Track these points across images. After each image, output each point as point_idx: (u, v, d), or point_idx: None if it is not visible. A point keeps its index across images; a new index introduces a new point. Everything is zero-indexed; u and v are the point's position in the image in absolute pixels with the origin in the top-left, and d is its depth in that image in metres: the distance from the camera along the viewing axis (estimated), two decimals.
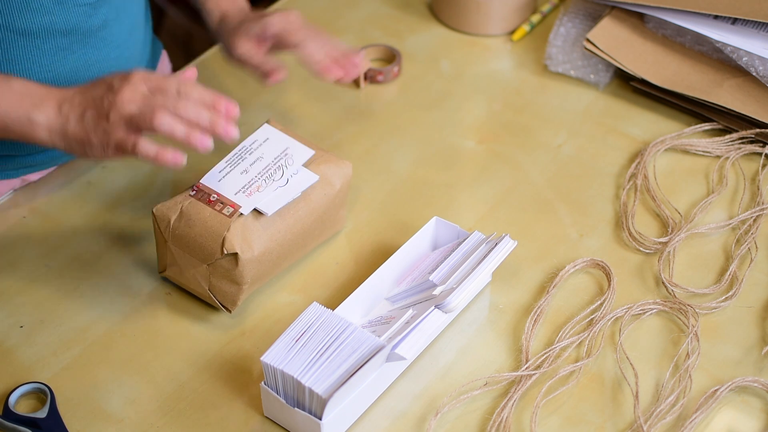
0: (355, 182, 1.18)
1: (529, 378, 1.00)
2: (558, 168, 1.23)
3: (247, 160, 1.06)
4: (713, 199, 1.18)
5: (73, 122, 0.99)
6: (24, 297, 1.08)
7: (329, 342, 0.93)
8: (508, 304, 1.08)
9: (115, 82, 0.99)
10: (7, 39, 1.07)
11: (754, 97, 1.25)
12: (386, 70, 1.33)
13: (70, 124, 0.99)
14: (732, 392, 1.00)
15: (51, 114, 0.99)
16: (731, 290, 1.08)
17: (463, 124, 1.30)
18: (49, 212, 1.16)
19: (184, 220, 1.02)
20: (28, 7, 1.06)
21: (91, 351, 1.03)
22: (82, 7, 1.10)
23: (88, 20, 1.11)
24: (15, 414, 0.96)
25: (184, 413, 0.98)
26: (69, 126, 0.99)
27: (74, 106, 0.99)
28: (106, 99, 0.98)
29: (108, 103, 0.98)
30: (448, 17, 1.42)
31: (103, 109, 0.98)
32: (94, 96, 0.99)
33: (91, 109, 0.98)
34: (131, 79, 0.98)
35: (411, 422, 0.98)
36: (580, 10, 1.39)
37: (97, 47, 1.14)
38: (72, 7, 1.09)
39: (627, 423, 0.98)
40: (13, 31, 1.07)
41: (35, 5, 1.06)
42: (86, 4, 1.10)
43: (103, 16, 1.13)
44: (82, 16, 1.10)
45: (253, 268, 1.02)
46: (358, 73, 1.15)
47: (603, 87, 1.33)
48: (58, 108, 0.99)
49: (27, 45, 1.08)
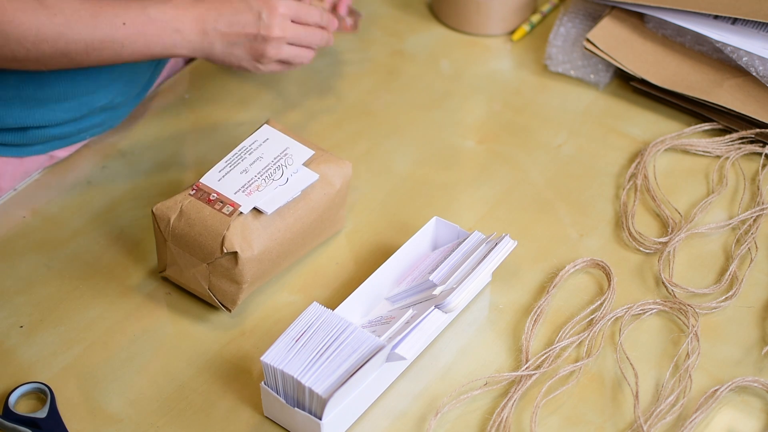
0: (355, 182, 1.18)
1: (529, 378, 1.00)
2: (558, 168, 1.23)
3: (246, 160, 1.05)
4: (713, 199, 1.18)
5: (220, 49, 1.09)
6: (24, 297, 1.08)
7: (329, 342, 0.93)
8: (508, 304, 1.08)
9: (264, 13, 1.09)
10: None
11: (754, 97, 1.25)
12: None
13: (215, 50, 1.09)
14: (732, 392, 1.00)
15: (194, 38, 1.08)
16: (731, 290, 1.08)
17: (463, 124, 1.29)
18: (49, 212, 1.16)
19: (184, 219, 1.02)
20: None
21: (91, 351, 1.03)
22: None
23: None
24: (15, 414, 0.96)
25: (184, 413, 0.98)
26: (215, 52, 1.10)
27: (220, 33, 1.09)
28: (258, 36, 1.10)
29: (261, 40, 1.10)
30: (448, 17, 1.42)
31: (256, 47, 1.10)
32: (243, 25, 1.09)
33: (241, 42, 1.10)
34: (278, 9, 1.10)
35: (411, 422, 0.98)
36: (580, 10, 1.39)
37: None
38: None
39: (627, 423, 0.98)
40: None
41: None
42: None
43: None
44: None
45: (253, 267, 1.02)
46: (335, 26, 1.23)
47: (603, 87, 1.33)
48: (202, 33, 1.08)
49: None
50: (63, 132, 1.17)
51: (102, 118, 1.19)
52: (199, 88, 1.32)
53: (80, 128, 1.18)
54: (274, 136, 1.08)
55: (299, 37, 1.14)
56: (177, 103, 1.30)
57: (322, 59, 1.36)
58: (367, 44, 1.40)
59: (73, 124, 1.17)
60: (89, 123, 1.18)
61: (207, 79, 1.34)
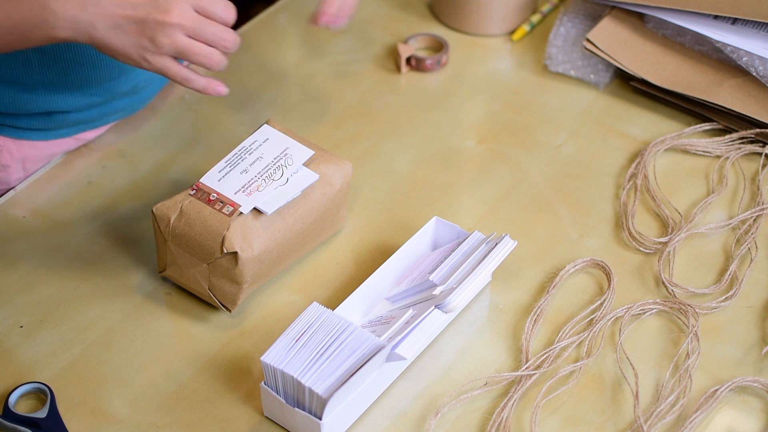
0: (355, 182, 1.18)
1: (529, 378, 1.00)
2: (558, 168, 1.23)
3: (246, 160, 1.06)
4: (713, 199, 1.18)
5: (102, 28, 0.95)
6: (24, 297, 1.08)
7: (329, 342, 0.93)
8: (508, 304, 1.08)
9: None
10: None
11: (754, 97, 1.25)
12: (434, 58, 1.34)
13: (97, 30, 0.95)
14: (732, 392, 1.00)
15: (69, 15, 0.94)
16: (731, 290, 1.08)
17: (463, 124, 1.30)
18: (49, 212, 1.16)
19: (184, 219, 1.02)
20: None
21: (91, 351, 1.03)
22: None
23: None
24: (15, 414, 0.96)
25: (184, 413, 0.98)
26: (96, 33, 0.95)
27: (102, 11, 0.94)
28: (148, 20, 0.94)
29: (153, 24, 0.95)
30: (448, 17, 1.42)
31: (146, 31, 0.95)
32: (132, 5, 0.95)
33: (126, 24, 0.95)
34: None
35: (411, 422, 0.98)
36: (580, 10, 1.39)
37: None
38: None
39: (627, 423, 0.98)
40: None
41: None
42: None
43: None
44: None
45: (253, 267, 1.02)
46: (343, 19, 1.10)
47: (603, 87, 1.33)
48: (80, 7, 0.94)
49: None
50: (88, 116, 1.17)
51: (126, 101, 1.19)
52: None
53: (104, 112, 1.18)
54: (274, 136, 1.08)
55: (200, 28, 0.97)
56: (177, 103, 1.30)
57: (322, 59, 1.36)
58: (367, 44, 1.40)
59: (97, 108, 1.17)
60: (114, 107, 1.18)
61: None
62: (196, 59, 0.98)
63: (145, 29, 0.95)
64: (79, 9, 0.94)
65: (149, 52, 0.96)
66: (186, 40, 0.96)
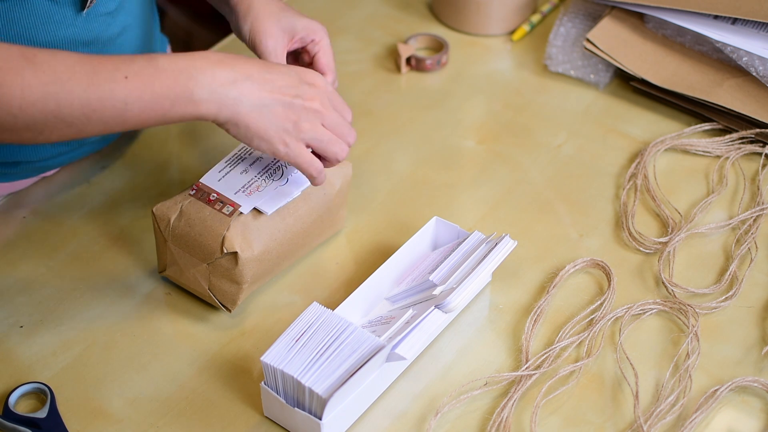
0: (355, 182, 1.18)
1: (529, 378, 1.00)
2: (558, 168, 1.23)
3: (246, 160, 1.06)
4: (713, 199, 1.18)
5: (249, 106, 0.93)
6: (24, 297, 1.08)
7: (329, 342, 0.93)
8: (508, 304, 1.08)
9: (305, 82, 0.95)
10: None
11: (754, 97, 1.25)
12: (434, 58, 1.34)
13: (242, 107, 0.92)
14: (732, 392, 1.00)
15: (219, 88, 0.91)
16: (731, 290, 1.08)
17: (463, 124, 1.30)
18: (49, 212, 1.16)
19: (184, 219, 1.02)
20: (50, 20, 1.04)
21: (91, 351, 1.03)
22: (102, 17, 1.09)
23: (108, 29, 1.10)
24: (15, 414, 0.96)
25: (184, 413, 0.98)
26: (240, 110, 0.92)
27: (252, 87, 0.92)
28: (295, 104, 0.94)
29: (299, 108, 0.95)
30: (448, 17, 1.42)
31: (291, 114, 0.94)
32: (281, 85, 0.94)
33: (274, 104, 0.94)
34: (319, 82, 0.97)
35: (411, 422, 0.98)
36: (580, 10, 1.39)
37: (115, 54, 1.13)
38: (93, 18, 1.07)
39: (627, 423, 0.98)
40: (35, 43, 1.04)
41: (57, 18, 1.04)
42: (106, 13, 1.09)
43: (121, 24, 1.12)
44: (102, 25, 1.09)
45: (253, 267, 1.02)
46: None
47: (603, 87, 1.33)
48: (231, 82, 0.92)
49: None
50: (55, 162, 1.17)
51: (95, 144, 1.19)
52: None
53: (72, 156, 1.18)
54: None
55: (336, 119, 0.98)
56: None
57: None
58: (367, 44, 1.40)
59: (65, 155, 1.17)
60: (81, 150, 1.18)
61: None
62: (330, 148, 0.98)
63: (290, 112, 0.95)
64: (229, 84, 0.92)
65: (290, 135, 0.95)
66: (324, 129, 0.97)
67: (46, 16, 1.04)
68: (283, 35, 1.06)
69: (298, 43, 1.08)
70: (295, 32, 1.07)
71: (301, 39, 1.08)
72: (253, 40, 1.06)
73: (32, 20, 1.03)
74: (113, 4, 1.09)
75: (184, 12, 2.11)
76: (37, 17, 1.04)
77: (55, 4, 1.04)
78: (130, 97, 0.89)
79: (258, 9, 1.06)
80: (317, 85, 0.97)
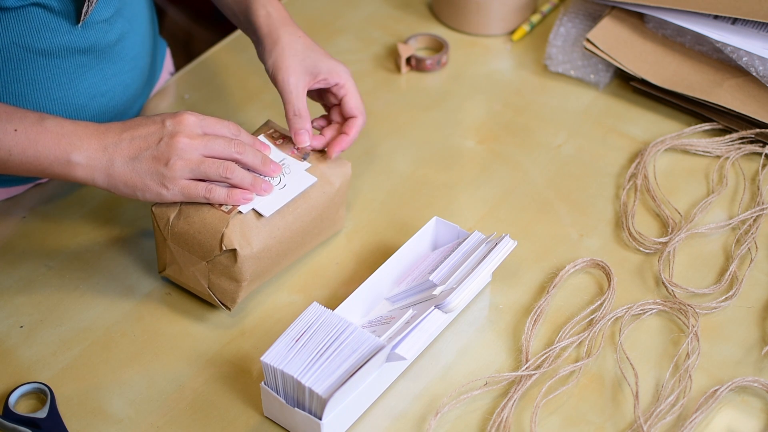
0: (355, 182, 1.18)
1: (529, 378, 1.00)
2: (558, 168, 1.23)
3: None
4: (713, 199, 1.18)
5: (120, 164, 0.98)
6: (24, 297, 1.08)
7: (329, 342, 0.93)
8: (508, 304, 1.08)
9: (168, 123, 0.98)
10: (27, 59, 1.06)
11: (754, 97, 1.25)
12: (434, 58, 1.34)
13: (115, 167, 0.98)
14: (732, 392, 1.00)
15: (93, 154, 0.98)
16: (731, 290, 1.08)
17: (463, 124, 1.30)
18: (49, 212, 1.16)
19: (183, 217, 1.02)
20: (46, 27, 1.05)
21: (91, 351, 1.03)
22: (100, 24, 1.09)
23: (105, 36, 1.11)
24: (15, 414, 0.96)
25: (184, 413, 0.98)
26: (115, 169, 0.98)
27: (121, 148, 0.98)
28: (161, 143, 0.97)
29: (165, 146, 0.97)
30: (448, 17, 1.42)
31: (159, 155, 0.97)
32: (146, 136, 0.98)
33: (144, 156, 0.97)
34: (185, 120, 0.99)
35: (411, 422, 0.98)
36: (580, 10, 1.39)
37: (113, 61, 1.14)
38: (90, 26, 1.08)
39: (627, 423, 0.98)
40: (32, 52, 1.06)
41: (54, 25, 1.05)
42: (103, 20, 1.09)
43: (118, 31, 1.12)
44: (99, 33, 1.10)
45: (252, 264, 1.02)
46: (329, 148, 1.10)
47: (603, 87, 1.33)
48: (102, 148, 0.98)
49: (47, 65, 1.08)
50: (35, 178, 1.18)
51: None
52: (199, 88, 1.32)
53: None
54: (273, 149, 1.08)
55: (211, 146, 1.00)
56: (177, 103, 1.30)
57: None
58: (367, 44, 1.40)
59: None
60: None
61: (207, 79, 1.34)
62: (214, 172, 0.99)
63: (159, 155, 0.98)
64: (101, 150, 0.98)
65: (166, 177, 0.98)
66: (203, 158, 0.99)
67: (43, 25, 1.04)
68: (306, 74, 1.08)
69: (321, 83, 1.10)
70: (319, 73, 1.09)
71: (324, 80, 1.09)
72: (275, 75, 1.08)
73: (29, 29, 1.04)
74: (109, 11, 1.10)
75: (184, 12, 2.11)
76: (34, 26, 1.04)
77: (52, 13, 1.04)
78: (15, 148, 0.97)
79: (284, 45, 1.08)
80: (182, 121, 0.99)
